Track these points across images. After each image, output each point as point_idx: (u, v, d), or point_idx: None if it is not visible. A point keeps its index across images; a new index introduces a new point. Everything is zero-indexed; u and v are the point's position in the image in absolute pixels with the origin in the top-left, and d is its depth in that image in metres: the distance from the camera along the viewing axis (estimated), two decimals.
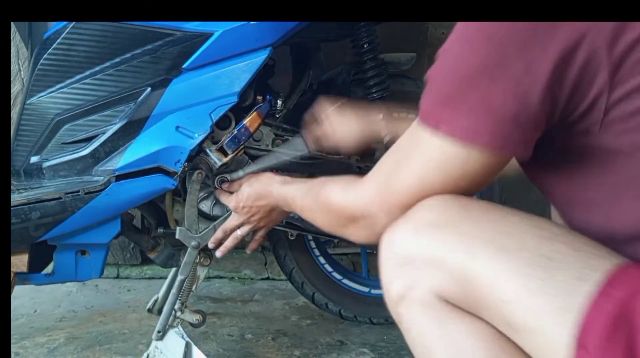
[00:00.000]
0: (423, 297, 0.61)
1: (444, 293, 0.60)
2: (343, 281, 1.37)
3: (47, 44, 1.00)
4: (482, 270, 0.56)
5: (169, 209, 1.12)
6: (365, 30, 1.20)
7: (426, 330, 0.61)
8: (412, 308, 0.62)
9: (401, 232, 0.64)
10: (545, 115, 0.58)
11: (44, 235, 1.02)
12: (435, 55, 0.64)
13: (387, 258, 0.65)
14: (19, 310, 1.49)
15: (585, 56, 0.55)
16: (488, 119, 0.58)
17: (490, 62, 0.57)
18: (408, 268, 0.62)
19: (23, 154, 1.05)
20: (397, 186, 0.68)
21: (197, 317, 1.12)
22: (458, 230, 0.60)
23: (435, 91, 0.63)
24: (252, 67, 1.00)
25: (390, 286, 0.65)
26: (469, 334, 0.59)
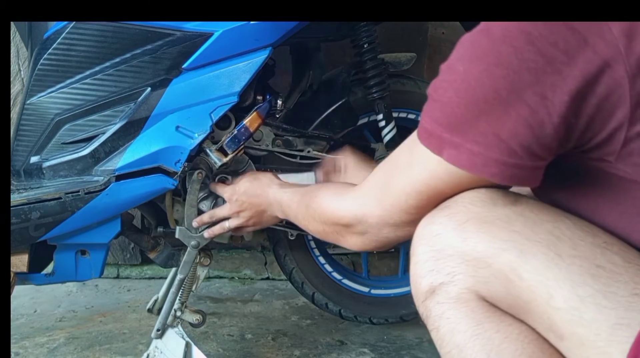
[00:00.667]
0: (460, 294, 0.58)
1: (485, 292, 0.58)
2: (343, 281, 1.37)
3: (47, 44, 1.00)
4: (534, 274, 0.54)
5: (169, 209, 1.13)
6: (365, 30, 1.20)
7: (460, 328, 0.58)
8: (445, 304, 0.59)
9: (441, 223, 0.61)
10: (558, 144, 0.56)
11: (44, 235, 1.02)
12: (442, 60, 0.61)
13: (422, 251, 0.62)
14: (19, 310, 1.49)
15: (606, 88, 0.52)
16: (498, 150, 0.55)
17: (503, 88, 0.54)
18: (445, 262, 0.59)
19: (23, 154, 1.05)
20: (396, 203, 0.67)
21: (197, 317, 1.12)
22: (509, 228, 0.57)
23: (439, 111, 0.59)
24: (252, 67, 1.00)
25: (422, 279, 0.61)
26: (509, 335, 0.56)
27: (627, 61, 0.51)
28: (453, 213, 0.60)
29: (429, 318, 0.61)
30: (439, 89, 0.59)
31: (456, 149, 0.57)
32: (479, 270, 0.57)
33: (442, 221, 0.60)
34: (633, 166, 0.55)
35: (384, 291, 1.40)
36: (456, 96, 0.57)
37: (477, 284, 0.57)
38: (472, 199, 0.60)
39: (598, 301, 0.51)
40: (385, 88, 1.22)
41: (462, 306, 0.58)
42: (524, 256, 0.55)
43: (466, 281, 0.58)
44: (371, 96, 1.22)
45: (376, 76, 1.21)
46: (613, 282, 0.51)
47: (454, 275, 0.58)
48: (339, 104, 1.23)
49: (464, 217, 0.59)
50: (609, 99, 0.53)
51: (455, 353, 0.58)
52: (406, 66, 1.31)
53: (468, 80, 0.56)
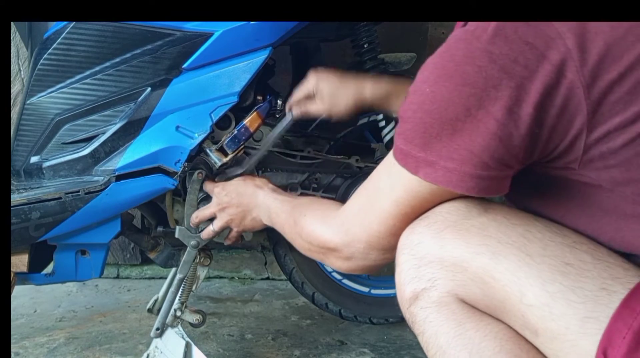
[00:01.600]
0: (441, 298, 0.61)
1: (464, 295, 0.60)
2: (343, 281, 1.37)
3: (47, 44, 1.00)
4: (506, 274, 0.56)
5: (169, 209, 1.13)
6: (365, 30, 1.20)
7: (442, 330, 0.61)
8: (427, 309, 0.62)
9: (421, 233, 0.64)
10: (525, 155, 0.59)
11: (44, 235, 1.02)
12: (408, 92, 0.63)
13: (404, 259, 0.65)
14: (19, 310, 1.49)
15: (564, 98, 0.55)
16: (472, 164, 0.58)
17: (472, 106, 0.57)
18: (426, 269, 0.62)
19: (23, 154, 1.05)
20: (380, 223, 0.69)
21: (197, 317, 1.12)
22: (482, 233, 0.60)
23: (411, 132, 0.62)
24: (252, 67, 1.00)
25: (405, 286, 0.64)
26: (488, 334, 0.59)
27: (581, 71, 0.55)
28: (431, 222, 0.63)
29: (414, 323, 0.64)
30: (408, 110, 0.62)
31: (432, 167, 0.60)
32: (457, 274, 0.60)
33: (422, 231, 0.64)
34: (596, 171, 0.58)
35: (384, 291, 1.40)
36: (427, 116, 0.60)
37: (456, 287, 0.60)
38: (449, 209, 0.64)
39: (567, 296, 0.53)
40: None
41: (443, 309, 0.61)
42: (496, 258, 0.57)
43: (446, 285, 0.61)
44: None
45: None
46: (581, 278, 0.54)
47: (435, 280, 0.61)
48: None
49: (442, 226, 0.62)
50: (567, 108, 0.56)
51: (440, 354, 0.61)
52: (406, 66, 1.31)
53: (437, 100, 0.59)
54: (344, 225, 0.75)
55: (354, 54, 1.24)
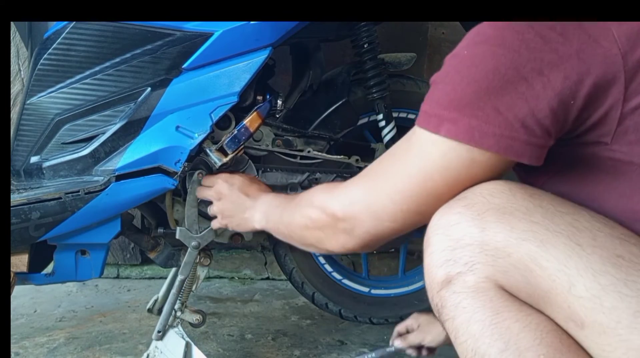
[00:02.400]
0: (478, 283, 0.58)
1: (504, 282, 0.57)
2: (343, 281, 1.37)
3: (47, 44, 1.00)
4: (555, 263, 0.54)
5: (169, 209, 1.12)
6: (365, 30, 1.20)
7: (476, 317, 0.58)
8: (461, 294, 0.59)
9: (459, 213, 0.60)
10: (556, 123, 0.57)
11: (44, 235, 1.02)
12: (442, 60, 0.63)
13: (438, 240, 0.61)
14: (19, 310, 1.49)
15: (601, 66, 0.55)
16: (495, 122, 0.57)
17: (503, 65, 0.56)
18: (463, 252, 0.59)
19: (23, 154, 1.05)
20: (388, 188, 0.66)
21: (197, 317, 1.12)
22: (528, 219, 0.57)
23: (438, 93, 0.61)
24: (252, 67, 1.00)
25: (438, 268, 0.61)
26: (528, 325, 0.56)
27: (619, 39, 0.55)
28: (471, 203, 0.60)
29: (443, 308, 0.61)
30: (442, 74, 0.62)
31: (454, 124, 0.58)
32: (498, 259, 0.57)
33: (460, 211, 0.60)
34: (629, 144, 0.57)
35: (384, 291, 1.40)
36: (458, 76, 0.59)
37: (496, 273, 0.57)
38: (491, 190, 0.60)
39: (619, 289, 0.52)
40: (385, 88, 1.22)
41: (479, 295, 0.58)
42: (544, 246, 0.55)
43: (485, 270, 0.58)
44: (371, 96, 1.22)
45: (376, 76, 1.21)
46: (634, 271, 0.52)
47: (472, 264, 0.58)
48: (339, 104, 1.23)
49: (483, 207, 0.59)
50: (604, 77, 0.55)
51: (471, 342, 0.58)
52: (406, 66, 1.31)
53: (472, 59, 0.58)
54: (348, 187, 0.72)
55: (354, 54, 1.24)
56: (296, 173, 1.19)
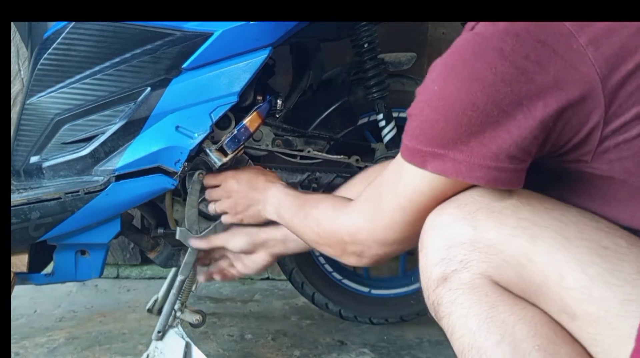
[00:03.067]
0: (473, 280, 0.60)
1: (497, 278, 0.59)
2: (343, 281, 1.37)
3: (47, 44, 1.00)
4: (545, 257, 0.56)
5: (169, 209, 1.12)
6: (365, 30, 1.20)
7: (473, 312, 0.59)
8: (457, 290, 0.60)
9: (452, 214, 0.62)
10: (537, 148, 0.59)
11: (44, 235, 1.02)
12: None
13: (432, 240, 0.63)
14: (19, 310, 1.49)
15: (581, 92, 0.55)
16: (480, 155, 0.58)
17: (481, 101, 0.57)
18: (457, 250, 0.61)
19: (23, 154, 1.05)
20: (386, 220, 0.70)
21: (197, 317, 1.12)
22: (517, 216, 0.59)
23: (418, 129, 0.63)
24: (252, 67, 1.00)
25: (433, 267, 0.62)
26: (522, 317, 0.58)
27: (596, 63, 0.55)
28: (463, 203, 0.62)
29: (440, 305, 0.62)
30: (416, 109, 0.63)
31: (440, 160, 0.60)
32: (491, 256, 0.59)
33: (453, 212, 0.62)
34: (608, 163, 0.59)
35: (384, 291, 1.40)
36: (434, 113, 0.60)
37: (490, 269, 0.59)
38: (480, 192, 0.62)
39: (606, 279, 0.53)
40: (385, 88, 1.22)
41: (475, 291, 0.59)
42: (534, 241, 0.56)
43: (479, 267, 0.59)
44: (371, 95, 1.22)
45: (376, 76, 1.21)
46: (619, 261, 0.54)
47: (467, 262, 0.60)
48: (339, 104, 1.23)
49: (474, 207, 0.61)
50: (583, 102, 0.56)
51: (468, 337, 0.59)
52: (406, 66, 1.31)
53: (444, 97, 0.59)
54: (352, 214, 0.76)
55: (354, 54, 1.24)
56: (296, 173, 1.19)
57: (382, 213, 0.70)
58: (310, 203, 0.87)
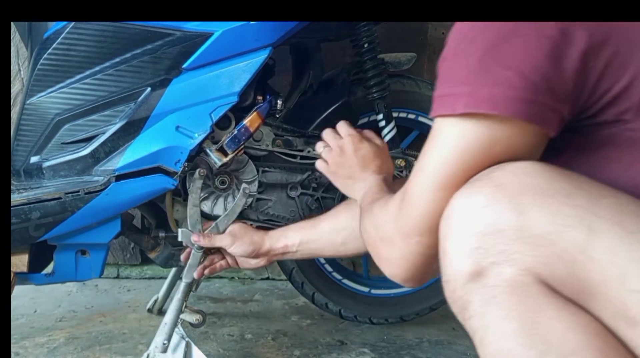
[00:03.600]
0: (517, 276, 0.50)
1: (545, 275, 0.50)
2: (343, 281, 1.37)
3: (47, 44, 1.00)
4: (604, 253, 0.48)
5: (169, 209, 1.12)
6: (365, 30, 1.20)
7: (513, 315, 0.50)
8: (496, 288, 0.51)
9: (490, 194, 0.52)
10: (576, 89, 0.52)
11: (44, 235, 1.02)
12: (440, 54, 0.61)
13: (464, 225, 0.53)
14: (19, 310, 1.49)
15: (625, 30, 0.51)
16: (519, 84, 0.51)
17: (521, 26, 0.52)
18: (495, 239, 0.51)
19: (23, 154, 1.05)
20: (414, 194, 0.61)
21: (197, 317, 1.12)
22: (572, 203, 0.50)
23: (447, 73, 0.56)
24: (252, 67, 1.00)
25: (464, 258, 0.53)
26: (573, 326, 0.49)
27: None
28: (504, 183, 0.52)
29: (470, 303, 0.53)
30: (448, 51, 0.57)
31: (472, 96, 0.53)
32: (539, 248, 0.50)
33: (491, 192, 0.52)
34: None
35: (384, 291, 1.40)
36: (462, 53, 0.54)
37: (537, 265, 0.50)
38: (524, 169, 0.53)
39: None
40: (385, 88, 1.22)
41: (517, 290, 0.50)
42: (593, 234, 0.48)
43: (524, 261, 0.50)
44: (371, 95, 1.22)
45: (376, 76, 1.21)
46: None
47: (509, 253, 0.51)
48: (339, 104, 1.23)
49: (519, 188, 0.51)
50: (628, 42, 0.51)
51: (504, 343, 0.50)
52: (406, 66, 1.31)
53: (481, 27, 0.54)
54: (390, 202, 0.68)
55: (354, 54, 1.24)
56: (296, 173, 1.19)
57: (410, 194, 0.61)
58: (379, 202, 0.77)
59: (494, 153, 0.55)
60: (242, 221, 1.12)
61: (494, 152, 0.55)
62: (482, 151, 0.55)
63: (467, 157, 0.56)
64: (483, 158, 0.55)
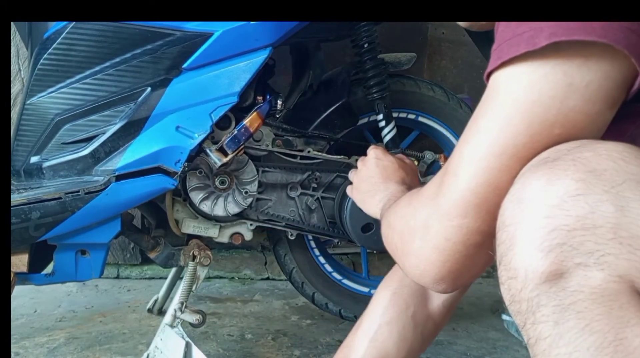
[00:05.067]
0: (607, 282, 0.42)
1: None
2: (343, 281, 1.37)
3: (47, 44, 1.00)
4: None
5: (169, 209, 1.13)
6: (365, 30, 1.20)
7: (596, 327, 0.42)
8: (579, 293, 0.43)
9: (583, 181, 0.43)
10: None
11: (44, 235, 1.02)
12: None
13: (544, 214, 0.44)
14: (19, 310, 1.49)
15: None
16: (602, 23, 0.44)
17: None
18: (584, 236, 0.43)
19: (23, 154, 1.05)
20: (461, 163, 0.52)
21: (197, 317, 1.12)
22: None
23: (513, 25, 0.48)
24: (252, 67, 1.00)
25: (541, 254, 0.44)
26: None
27: None
28: (600, 169, 0.43)
29: (543, 306, 0.45)
30: None
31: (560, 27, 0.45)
32: (638, 251, 0.42)
33: (585, 179, 0.43)
34: None
35: None
36: None
37: (633, 271, 0.42)
38: (622, 153, 0.44)
39: None
40: (385, 88, 1.22)
41: (606, 298, 0.42)
42: None
43: (618, 265, 0.42)
44: (371, 96, 1.22)
45: (376, 76, 1.21)
46: None
47: (600, 255, 0.43)
48: (339, 104, 1.23)
49: (619, 177, 0.43)
50: None
51: (578, 357, 0.42)
52: (406, 66, 1.31)
53: None
54: (433, 188, 0.58)
55: (354, 54, 1.24)
56: (296, 173, 1.19)
57: (453, 166, 0.52)
58: (408, 194, 0.69)
59: (569, 105, 0.46)
60: None
61: (569, 104, 0.46)
62: (555, 101, 0.46)
63: (536, 113, 0.47)
64: (556, 111, 0.47)
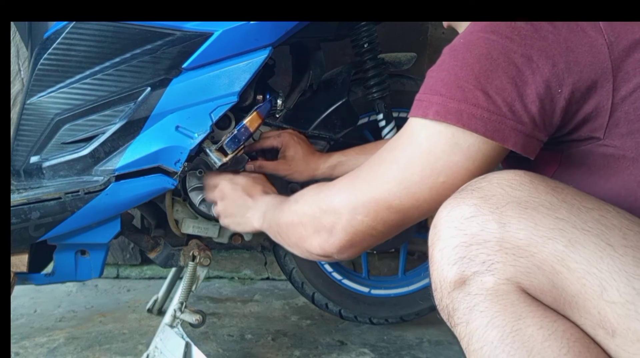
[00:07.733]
0: (498, 285, 0.52)
1: (527, 285, 0.52)
2: (343, 281, 1.37)
3: (47, 44, 1.00)
4: (585, 265, 0.49)
5: (169, 209, 1.13)
6: (365, 30, 1.20)
7: (496, 323, 0.52)
8: (478, 296, 0.53)
9: (475, 205, 0.54)
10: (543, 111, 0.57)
11: (44, 235, 1.02)
12: (440, 54, 0.65)
13: (450, 234, 0.55)
14: (19, 310, 1.49)
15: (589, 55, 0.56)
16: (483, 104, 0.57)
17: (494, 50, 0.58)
18: (479, 249, 0.53)
19: (23, 154, 1.05)
20: (369, 177, 0.66)
21: (197, 317, 1.12)
22: (554, 215, 0.52)
23: (431, 80, 0.63)
24: (252, 67, 1.00)
25: (450, 267, 0.55)
26: (553, 332, 0.50)
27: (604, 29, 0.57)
28: (489, 194, 0.54)
29: (455, 310, 0.55)
30: (438, 64, 0.63)
31: (443, 106, 0.59)
32: (520, 259, 0.52)
33: (477, 203, 0.54)
34: (620, 137, 0.58)
35: (384, 292, 1.40)
36: (453, 61, 0.60)
37: (518, 274, 0.52)
38: (510, 181, 0.55)
39: None
40: (385, 88, 1.22)
41: (499, 298, 0.52)
42: (572, 246, 0.50)
43: (505, 271, 0.52)
44: (371, 95, 1.22)
45: (376, 76, 1.22)
46: None
47: (491, 263, 0.53)
48: (339, 104, 1.23)
49: (503, 200, 0.53)
50: (591, 66, 0.56)
51: (488, 350, 0.52)
52: (406, 65, 1.31)
53: (466, 45, 0.60)
54: (337, 185, 0.72)
55: (354, 54, 1.24)
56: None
57: (368, 169, 0.66)
58: (296, 193, 0.83)
59: (453, 160, 0.60)
60: None
61: (454, 159, 0.60)
62: (443, 154, 0.60)
63: (431, 158, 0.61)
64: (443, 162, 0.61)
